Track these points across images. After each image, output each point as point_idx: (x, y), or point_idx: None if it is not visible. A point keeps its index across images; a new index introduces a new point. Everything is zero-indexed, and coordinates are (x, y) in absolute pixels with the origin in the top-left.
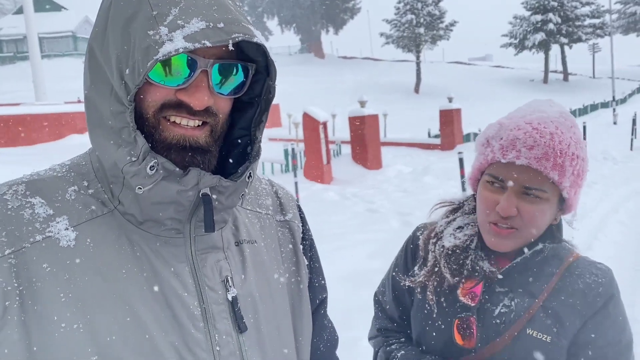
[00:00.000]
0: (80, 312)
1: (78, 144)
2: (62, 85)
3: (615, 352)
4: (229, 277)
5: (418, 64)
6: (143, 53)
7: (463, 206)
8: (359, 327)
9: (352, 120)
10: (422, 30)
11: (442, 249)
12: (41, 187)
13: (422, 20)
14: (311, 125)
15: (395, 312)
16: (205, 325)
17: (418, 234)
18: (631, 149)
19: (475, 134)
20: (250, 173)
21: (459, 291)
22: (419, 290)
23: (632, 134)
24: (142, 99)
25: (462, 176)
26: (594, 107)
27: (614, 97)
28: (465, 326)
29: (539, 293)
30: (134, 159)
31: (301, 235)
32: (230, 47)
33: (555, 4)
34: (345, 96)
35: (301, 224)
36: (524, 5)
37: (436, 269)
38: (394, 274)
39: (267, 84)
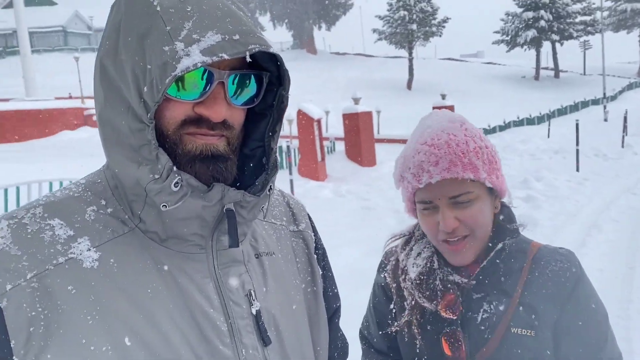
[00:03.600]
0: (108, 333)
1: (69, 139)
2: (52, 81)
3: (593, 328)
4: (251, 291)
5: (410, 61)
6: (161, 70)
7: (414, 234)
8: (356, 327)
9: (346, 117)
10: (414, 26)
11: (411, 282)
12: (59, 208)
13: (414, 16)
14: (305, 122)
15: (384, 344)
16: (232, 341)
17: (383, 275)
18: (622, 146)
19: None
20: (270, 186)
21: (439, 309)
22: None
23: (623, 131)
24: (160, 115)
25: None
26: (584, 104)
27: (604, 94)
28: (453, 340)
29: (513, 290)
30: (157, 176)
31: (314, 245)
32: (248, 59)
33: (547, 1)
34: (337, 92)
35: (313, 233)
36: (515, 2)
37: (414, 302)
38: (373, 308)
39: (279, 93)
